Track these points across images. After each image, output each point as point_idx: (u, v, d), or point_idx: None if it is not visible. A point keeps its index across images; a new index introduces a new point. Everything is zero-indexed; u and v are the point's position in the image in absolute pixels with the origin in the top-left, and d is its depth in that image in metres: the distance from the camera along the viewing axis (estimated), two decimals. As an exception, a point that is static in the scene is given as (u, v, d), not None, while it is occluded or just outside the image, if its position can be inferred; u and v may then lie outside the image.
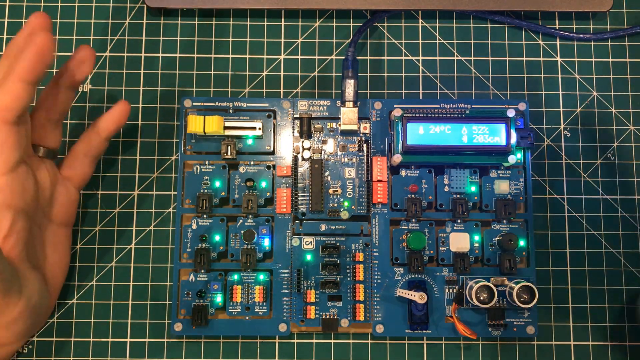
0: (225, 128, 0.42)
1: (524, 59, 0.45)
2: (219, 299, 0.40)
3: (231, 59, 0.45)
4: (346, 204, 0.42)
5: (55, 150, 0.39)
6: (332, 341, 0.42)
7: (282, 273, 0.41)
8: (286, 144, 0.42)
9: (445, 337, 0.42)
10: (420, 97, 0.45)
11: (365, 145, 0.42)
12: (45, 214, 0.39)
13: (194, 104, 0.43)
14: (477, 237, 0.41)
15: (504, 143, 0.40)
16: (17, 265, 0.35)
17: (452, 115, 0.41)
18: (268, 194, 0.42)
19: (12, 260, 0.35)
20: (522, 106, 0.42)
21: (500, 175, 0.42)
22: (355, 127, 0.41)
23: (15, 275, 0.34)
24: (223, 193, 0.42)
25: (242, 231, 0.41)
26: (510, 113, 0.40)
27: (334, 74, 0.45)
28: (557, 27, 0.46)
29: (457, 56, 0.46)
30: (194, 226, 0.41)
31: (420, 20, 0.46)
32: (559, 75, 0.45)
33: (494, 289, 0.38)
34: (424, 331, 0.40)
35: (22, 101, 0.34)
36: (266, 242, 0.41)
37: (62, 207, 0.39)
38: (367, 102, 0.43)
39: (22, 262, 0.36)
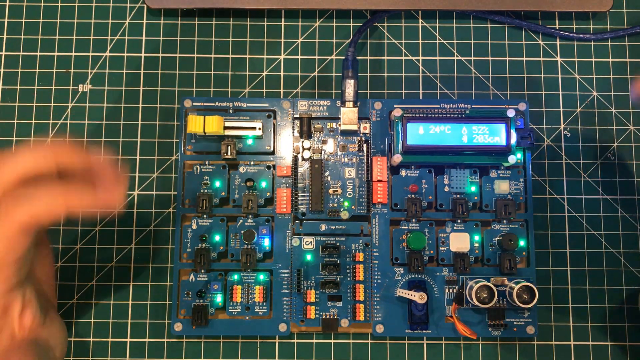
0: (225, 128, 0.41)
1: (524, 59, 0.45)
2: (219, 299, 0.40)
3: (231, 59, 0.45)
4: (346, 204, 0.42)
5: None
6: (332, 341, 0.42)
7: (282, 273, 0.41)
8: (286, 144, 0.42)
9: (445, 337, 0.42)
10: (420, 97, 0.45)
11: (365, 145, 0.42)
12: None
13: (194, 104, 0.43)
14: (477, 237, 0.41)
15: (504, 143, 0.40)
16: (43, 336, 0.34)
17: (452, 115, 0.41)
18: (268, 194, 0.42)
19: (39, 335, 0.34)
20: (522, 106, 0.42)
21: (500, 175, 0.42)
22: (355, 127, 0.41)
23: (47, 349, 0.34)
24: (223, 193, 0.42)
25: (242, 231, 0.41)
26: (510, 113, 0.40)
27: (334, 74, 0.45)
28: (557, 27, 0.46)
29: (457, 56, 0.46)
30: (194, 226, 0.41)
31: (420, 20, 0.46)
32: (559, 75, 0.45)
33: (494, 289, 0.38)
34: (424, 331, 0.40)
35: (57, 220, 0.32)
36: (266, 242, 0.41)
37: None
38: (367, 102, 0.43)
39: (44, 327, 0.35)
